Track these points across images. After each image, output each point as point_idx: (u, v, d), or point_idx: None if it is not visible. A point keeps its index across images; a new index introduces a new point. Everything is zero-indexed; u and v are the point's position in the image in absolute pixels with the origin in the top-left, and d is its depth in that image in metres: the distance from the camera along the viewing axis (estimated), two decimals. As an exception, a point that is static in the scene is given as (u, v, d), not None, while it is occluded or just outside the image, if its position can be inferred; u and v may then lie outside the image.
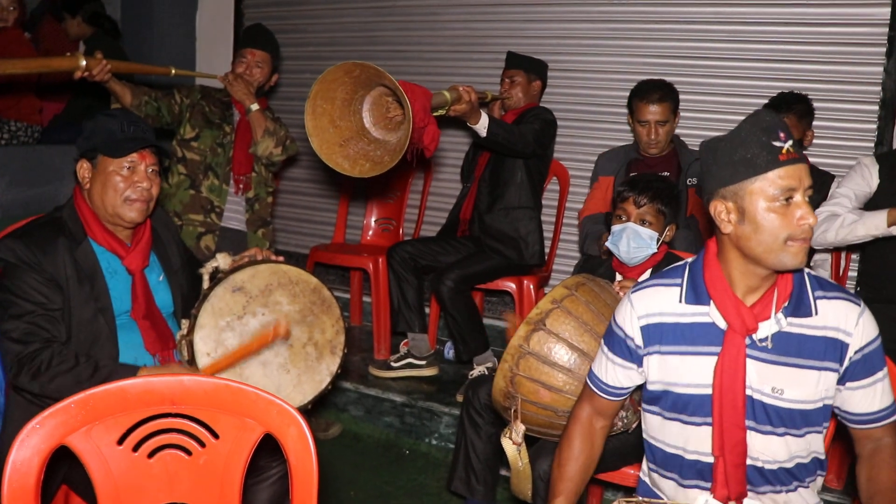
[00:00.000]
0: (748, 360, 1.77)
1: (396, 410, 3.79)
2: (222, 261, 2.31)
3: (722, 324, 1.78)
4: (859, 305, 1.78)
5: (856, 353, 1.76)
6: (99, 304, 2.21)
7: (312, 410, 3.69)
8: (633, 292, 1.91)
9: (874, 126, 3.86)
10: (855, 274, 3.56)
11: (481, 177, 3.95)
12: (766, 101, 3.62)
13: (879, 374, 1.80)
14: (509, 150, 3.58)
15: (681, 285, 1.85)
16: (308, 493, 1.51)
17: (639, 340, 1.88)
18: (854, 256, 3.69)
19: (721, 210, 1.73)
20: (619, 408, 2.05)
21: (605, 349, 1.96)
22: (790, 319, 1.76)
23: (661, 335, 1.85)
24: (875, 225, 2.94)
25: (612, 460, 2.39)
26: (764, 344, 1.76)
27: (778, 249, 1.67)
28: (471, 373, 3.75)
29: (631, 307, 1.89)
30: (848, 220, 3.00)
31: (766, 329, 1.76)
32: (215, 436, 1.57)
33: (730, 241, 1.75)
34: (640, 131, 3.56)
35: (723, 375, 1.76)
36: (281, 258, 2.36)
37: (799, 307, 1.77)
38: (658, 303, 1.86)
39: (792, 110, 3.48)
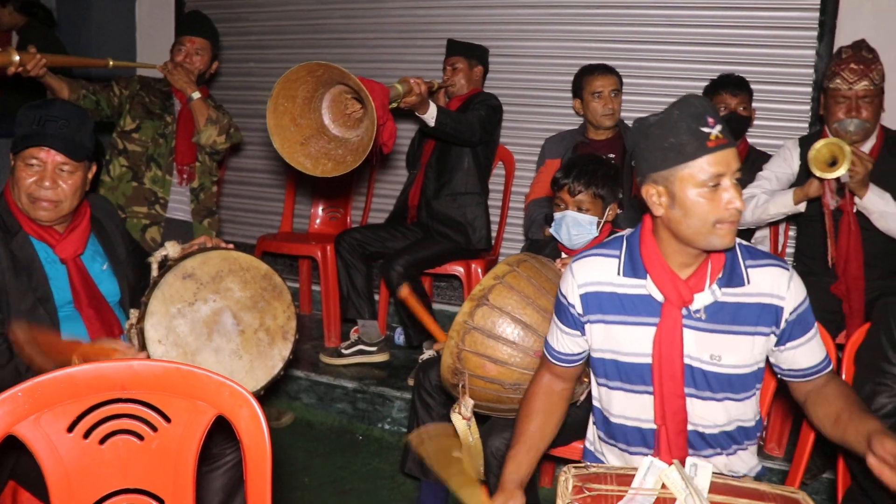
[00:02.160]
0: (686, 330, 1.83)
1: (348, 397, 3.80)
2: (171, 249, 2.30)
3: (658, 296, 1.84)
4: (788, 270, 1.85)
5: (791, 314, 1.84)
6: (38, 294, 2.19)
7: (265, 398, 3.70)
8: (574, 262, 1.96)
9: (808, 107, 3.99)
10: (793, 250, 3.67)
11: (428, 163, 3.97)
12: (704, 83, 3.71)
13: (812, 331, 1.89)
14: (456, 138, 3.62)
15: (619, 257, 1.91)
16: (262, 475, 1.52)
17: (579, 308, 1.93)
18: (792, 234, 3.80)
19: (653, 193, 1.78)
20: (578, 372, 2.09)
21: (555, 318, 2.02)
22: (724, 290, 1.83)
23: (600, 304, 1.90)
24: (784, 203, 3.05)
25: (561, 436, 2.43)
26: (698, 315, 1.82)
27: (707, 232, 1.73)
28: (421, 357, 3.78)
29: (572, 276, 1.94)
30: (761, 201, 3.11)
31: (701, 300, 1.83)
32: (167, 420, 1.57)
33: (662, 222, 1.80)
34: (595, 105, 3.63)
35: (661, 346, 1.83)
36: (231, 245, 2.36)
37: (732, 278, 1.83)
38: (597, 272, 1.92)
39: (742, 89, 3.58)
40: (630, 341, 1.88)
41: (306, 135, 2.70)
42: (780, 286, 1.83)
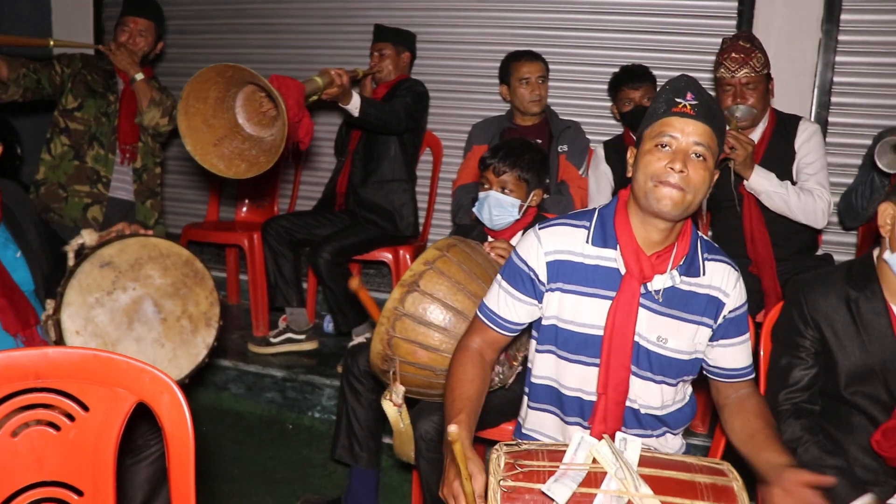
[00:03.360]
0: (640, 309, 1.86)
1: (277, 386, 3.76)
2: (88, 237, 2.23)
3: (623, 269, 1.87)
4: (737, 271, 1.93)
5: (730, 312, 1.91)
6: None
7: (190, 386, 3.63)
8: (540, 229, 1.95)
9: (728, 94, 4.07)
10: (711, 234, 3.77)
11: (355, 151, 3.95)
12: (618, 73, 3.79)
13: (745, 336, 1.98)
14: (382, 128, 3.62)
15: (588, 228, 1.92)
16: (184, 462, 1.49)
17: (543, 276, 1.93)
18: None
19: (629, 156, 1.87)
20: (507, 344, 2.08)
21: (504, 283, 1.98)
22: (683, 277, 1.88)
23: (564, 272, 1.91)
24: None
25: (491, 417, 2.45)
26: (656, 296, 1.87)
27: (648, 190, 1.78)
28: (350, 344, 3.76)
29: (538, 242, 1.93)
30: None
31: (661, 282, 1.87)
32: (85, 408, 1.52)
33: (631, 191, 1.86)
34: (523, 91, 3.66)
35: (616, 316, 1.85)
36: (150, 231, 2.30)
37: (691, 267, 1.89)
38: (565, 241, 1.92)
39: (643, 80, 3.66)
40: (585, 312, 1.89)
41: (219, 135, 2.65)
42: (728, 283, 1.91)
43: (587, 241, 1.90)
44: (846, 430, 2.05)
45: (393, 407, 2.23)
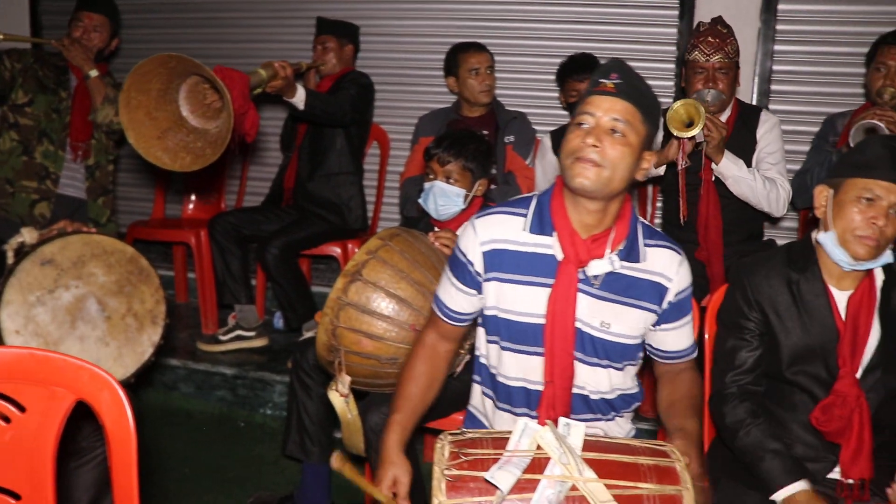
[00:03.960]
0: (580, 295, 1.87)
1: (228, 383, 3.73)
2: (28, 235, 2.19)
3: (560, 255, 1.87)
4: (680, 255, 1.94)
5: (674, 296, 1.93)
6: None
7: (139, 386, 3.57)
8: (476, 218, 1.96)
9: (672, 83, 4.14)
10: (659, 220, 3.82)
11: (301, 145, 3.93)
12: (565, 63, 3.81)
13: (687, 318, 2.00)
14: (327, 120, 3.60)
15: (526, 215, 1.92)
16: (127, 459, 1.46)
17: (479, 266, 1.93)
18: (659, 205, 3.95)
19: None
20: (465, 333, 2.10)
21: (450, 275, 2.00)
22: (623, 263, 1.88)
23: (501, 262, 1.91)
24: None
25: (441, 407, 2.45)
26: (595, 282, 1.87)
27: (568, 167, 1.80)
28: (300, 339, 3.74)
29: (474, 233, 1.94)
30: None
31: (599, 267, 1.87)
32: (21, 409, 1.49)
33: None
34: (472, 82, 3.69)
35: (556, 303, 1.86)
36: (94, 229, 2.27)
37: (631, 252, 1.89)
38: (502, 230, 1.92)
39: (589, 70, 3.67)
40: (525, 301, 1.90)
41: (163, 128, 2.62)
42: (670, 268, 1.92)
43: (524, 229, 1.91)
44: (789, 408, 2.10)
45: (339, 398, 2.23)
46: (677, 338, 2.00)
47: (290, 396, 2.82)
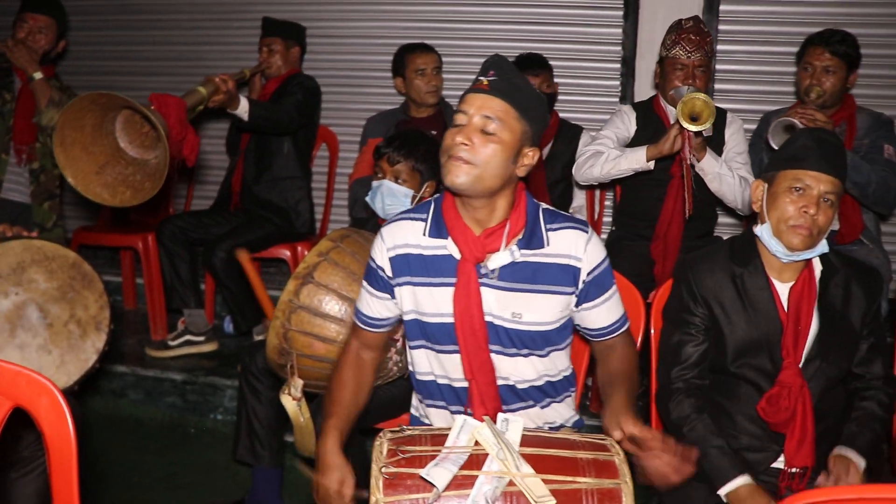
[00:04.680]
0: (486, 289, 1.89)
1: (178, 389, 3.68)
2: (-36, 242, 2.14)
3: (458, 255, 1.89)
4: (587, 232, 1.93)
5: (588, 275, 1.92)
6: None
7: (85, 394, 3.51)
8: (384, 227, 1.99)
9: (617, 83, 4.20)
10: (609, 220, 3.86)
11: (247, 149, 3.90)
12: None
13: (609, 293, 1.99)
14: (273, 129, 3.61)
15: (426, 220, 1.94)
16: (67, 466, 1.44)
17: (388, 271, 1.96)
18: (608, 203, 4.00)
19: None
20: (384, 340, 2.10)
21: (365, 283, 2.02)
22: (524, 251, 1.89)
23: (408, 266, 1.93)
24: (636, 159, 3.12)
25: (390, 408, 2.46)
26: (494, 275, 1.88)
27: (443, 165, 1.82)
28: (247, 344, 3.71)
29: (381, 240, 1.97)
30: (612, 156, 3.18)
31: (498, 260, 1.88)
32: (-43, 418, 1.46)
33: None
34: (419, 83, 3.70)
35: (460, 302, 1.88)
36: (34, 233, 2.22)
37: (532, 239, 1.90)
38: (404, 235, 1.95)
39: (543, 67, 3.72)
40: (434, 302, 1.92)
41: (101, 162, 2.57)
42: (577, 248, 1.91)
43: (424, 234, 1.94)
44: (734, 400, 2.14)
45: (292, 401, 2.22)
46: (603, 314, 1.99)
47: (240, 400, 2.80)
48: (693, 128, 2.86)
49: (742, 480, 1.97)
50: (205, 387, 3.64)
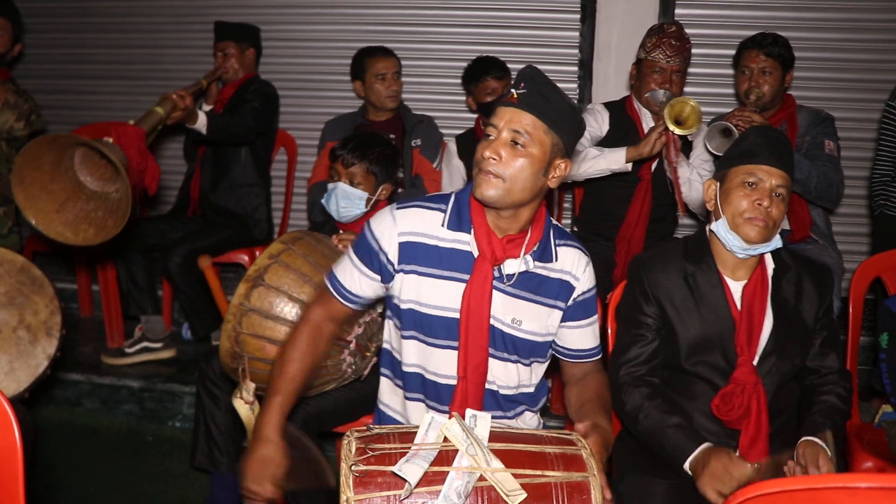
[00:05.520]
0: (495, 292, 1.91)
1: (135, 397, 3.63)
2: None
3: (476, 252, 1.91)
4: (587, 256, 2.01)
5: (580, 295, 1.99)
6: None
7: (38, 403, 3.45)
8: (396, 209, 1.95)
9: (575, 85, 4.23)
10: (568, 220, 3.89)
11: (204, 156, 3.87)
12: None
13: (593, 318, 2.07)
14: (232, 140, 3.60)
15: (445, 211, 1.95)
16: (12, 474, 1.41)
17: (393, 256, 1.93)
18: (566, 205, 4.03)
19: None
20: (352, 317, 2.09)
21: (355, 257, 1.99)
22: (536, 263, 1.94)
23: (417, 255, 1.92)
24: (615, 160, 3.13)
25: (352, 410, 2.45)
26: (509, 280, 1.92)
27: (474, 177, 1.84)
28: (204, 350, 3.68)
29: (393, 221, 1.94)
30: (591, 155, 3.18)
31: (514, 267, 1.92)
32: None
33: None
34: (379, 87, 3.67)
35: (470, 299, 1.89)
36: (-19, 240, 2.19)
37: (544, 253, 1.95)
38: (421, 223, 1.94)
39: (504, 71, 3.73)
40: (441, 295, 1.92)
41: (61, 199, 2.51)
42: (578, 267, 1.99)
43: (443, 225, 1.94)
44: (689, 397, 2.16)
45: (244, 405, 2.19)
46: (582, 336, 2.06)
47: (197, 406, 2.77)
48: (679, 131, 2.90)
49: (704, 447, 1.98)
50: (163, 394, 3.59)
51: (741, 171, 2.08)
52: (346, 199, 2.63)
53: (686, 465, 1.99)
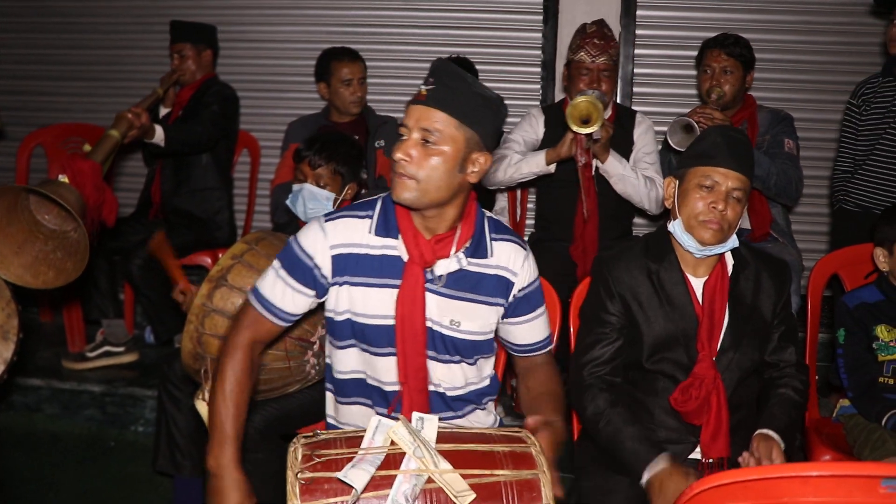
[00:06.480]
0: (429, 294, 1.88)
1: (96, 401, 3.58)
2: None
3: (406, 257, 1.87)
4: (525, 249, 1.98)
5: (520, 291, 1.97)
6: None
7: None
8: (325, 221, 1.90)
9: (538, 86, 4.26)
10: (532, 221, 3.90)
11: (164, 161, 3.83)
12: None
13: (538, 311, 2.04)
14: (192, 150, 3.58)
15: (372, 217, 1.91)
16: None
17: (327, 270, 1.88)
18: (530, 206, 4.04)
19: None
20: (279, 334, 1.98)
21: (284, 272, 1.88)
22: (470, 260, 1.90)
23: (350, 266, 1.88)
24: (536, 163, 3.18)
25: (316, 412, 2.42)
26: (440, 281, 1.89)
27: (390, 181, 1.82)
28: (166, 353, 3.64)
29: (324, 235, 1.87)
30: (514, 160, 3.24)
31: (446, 267, 1.88)
32: None
33: None
34: (344, 93, 3.65)
35: (403, 304, 1.86)
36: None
37: (478, 249, 1.92)
38: (350, 233, 1.88)
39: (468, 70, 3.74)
40: (376, 304, 1.88)
41: (19, 241, 2.46)
42: (515, 262, 1.95)
43: (370, 232, 1.89)
44: (651, 393, 2.18)
45: (206, 407, 2.17)
46: (528, 331, 2.04)
47: (159, 410, 2.75)
48: (583, 130, 2.92)
49: (662, 461, 1.98)
50: (125, 398, 3.55)
51: (698, 173, 2.09)
52: (313, 201, 2.62)
53: (643, 481, 1.99)
